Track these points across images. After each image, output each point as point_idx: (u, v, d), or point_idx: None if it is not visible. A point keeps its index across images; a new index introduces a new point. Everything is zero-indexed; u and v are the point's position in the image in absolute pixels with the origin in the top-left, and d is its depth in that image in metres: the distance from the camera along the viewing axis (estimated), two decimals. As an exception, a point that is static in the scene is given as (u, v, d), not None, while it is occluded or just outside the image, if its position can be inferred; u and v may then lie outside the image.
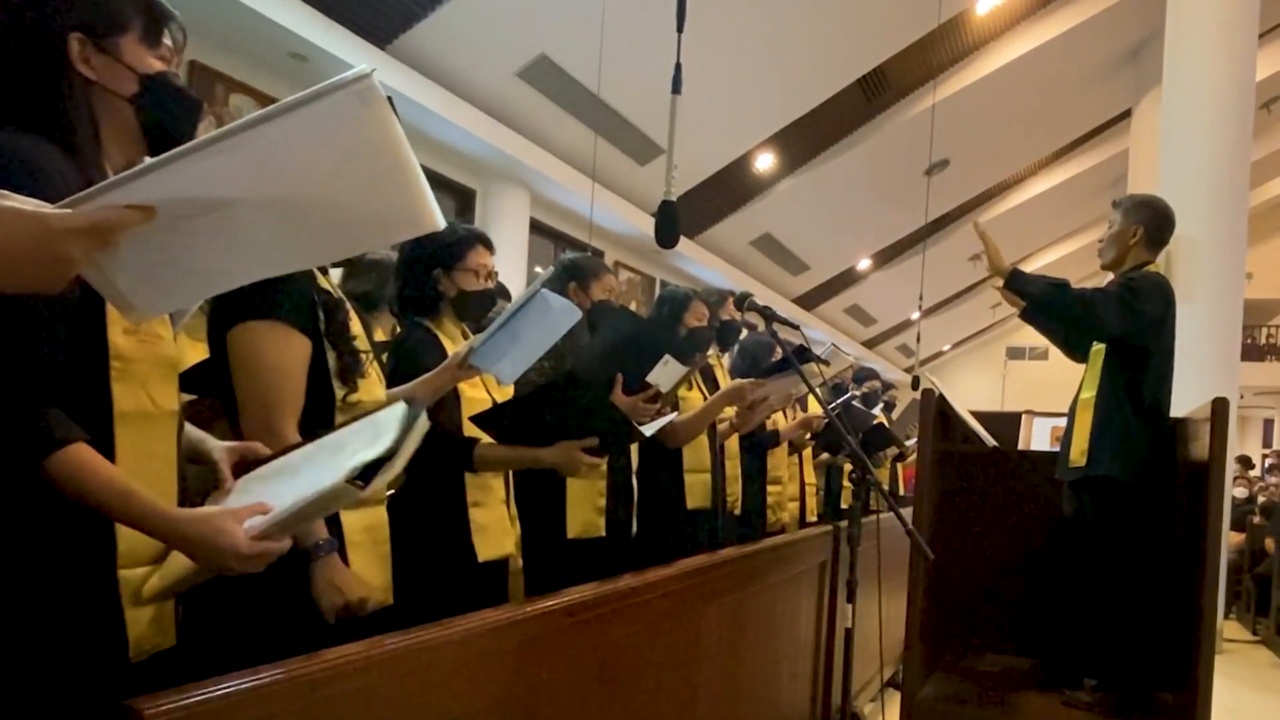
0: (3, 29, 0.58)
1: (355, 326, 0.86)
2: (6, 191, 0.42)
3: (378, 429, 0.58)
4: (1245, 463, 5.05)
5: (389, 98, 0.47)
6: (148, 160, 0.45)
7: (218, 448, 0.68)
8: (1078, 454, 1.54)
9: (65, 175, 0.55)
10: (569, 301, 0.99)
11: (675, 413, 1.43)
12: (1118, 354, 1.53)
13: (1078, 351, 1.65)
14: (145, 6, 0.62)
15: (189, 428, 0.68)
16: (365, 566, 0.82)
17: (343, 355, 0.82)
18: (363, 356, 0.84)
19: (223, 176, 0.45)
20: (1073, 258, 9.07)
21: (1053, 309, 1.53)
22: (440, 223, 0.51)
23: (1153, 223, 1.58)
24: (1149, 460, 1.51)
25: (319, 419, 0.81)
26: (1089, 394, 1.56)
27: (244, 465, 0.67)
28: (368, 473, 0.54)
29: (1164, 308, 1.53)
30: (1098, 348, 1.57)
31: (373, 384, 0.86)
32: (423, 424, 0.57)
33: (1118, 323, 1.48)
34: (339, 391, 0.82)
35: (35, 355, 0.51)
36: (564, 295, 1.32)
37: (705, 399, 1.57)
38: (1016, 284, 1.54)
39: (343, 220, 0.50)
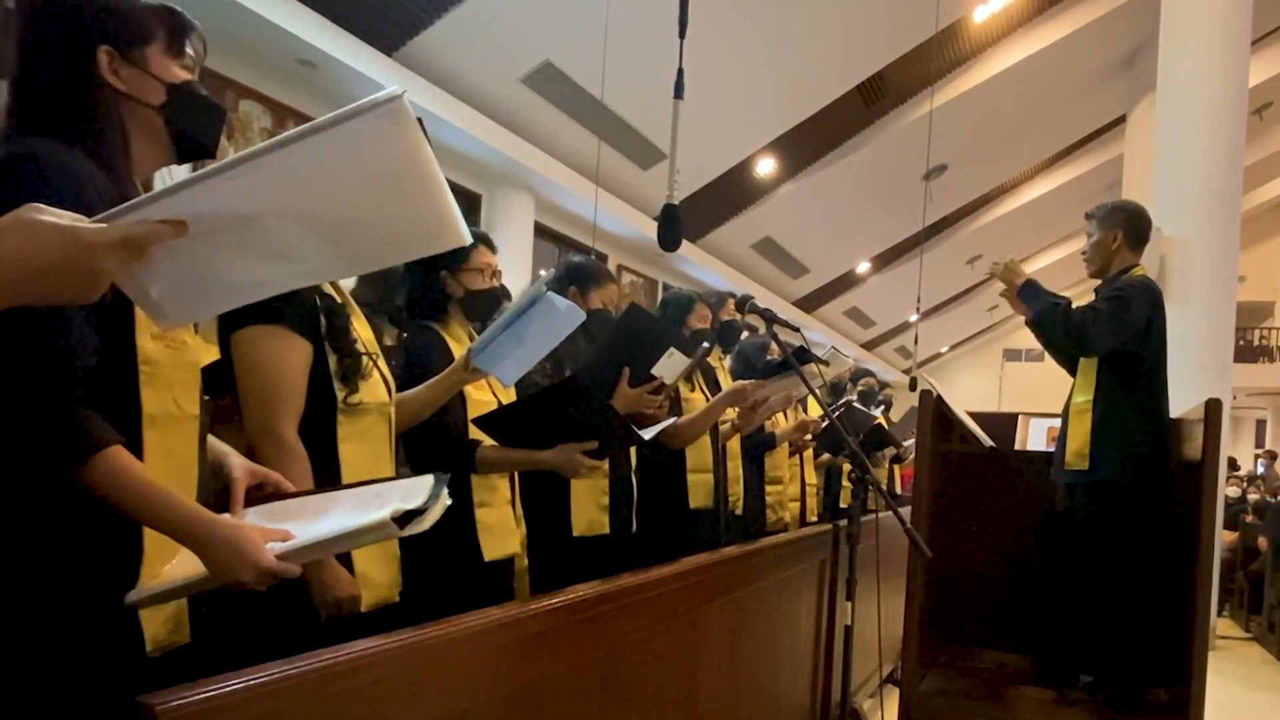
0: (35, 44, 0.60)
1: (360, 330, 0.87)
2: (42, 205, 0.43)
3: (409, 490, 0.60)
4: (1232, 464, 5.07)
5: (419, 118, 0.48)
6: (182, 177, 0.46)
7: (238, 465, 0.69)
8: (1074, 457, 1.56)
9: (99, 184, 0.57)
10: (573, 304, 1.00)
11: (674, 418, 1.45)
12: (1112, 360, 1.55)
13: (1070, 365, 1.68)
14: (169, 18, 0.64)
15: (212, 439, 0.70)
16: (371, 565, 0.83)
17: (344, 357, 0.83)
18: (364, 359, 0.85)
19: (255, 192, 0.46)
20: (1068, 261, 9.10)
21: (1047, 325, 1.55)
22: (466, 238, 0.52)
23: (1130, 225, 1.60)
24: (1150, 461, 1.53)
25: (320, 421, 0.82)
26: (1083, 398, 1.58)
27: (260, 489, 0.68)
28: (404, 519, 0.56)
29: (1153, 311, 1.55)
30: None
31: (375, 386, 0.87)
32: (445, 498, 0.59)
33: (1109, 340, 1.51)
34: (340, 393, 0.83)
35: (71, 360, 0.52)
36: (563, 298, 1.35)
37: (708, 400, 1.59)
38: (1025, 293, 1.55)
39: (372, 234, 0.51)
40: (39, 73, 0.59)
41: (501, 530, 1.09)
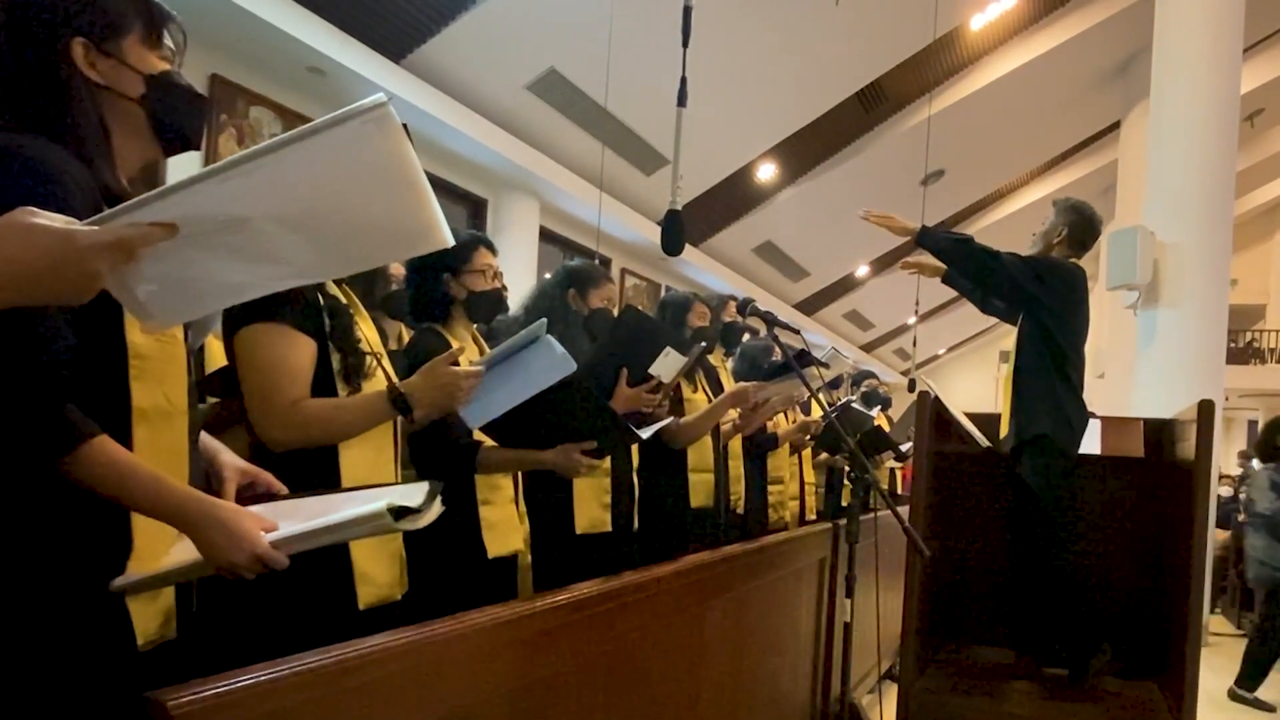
0: (8, 37, 0.58)
1: (364, 330, 0.87)
2: (35, 209, 0.43)
3: (406, 493, 0.60)
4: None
5: (404, 124, 0.49)
6: (174, 180, 0.46)
7: (229, 465, 0.68)
8: (1009, 425, 1.65)
9: (78, 178, 0.55)
10: (567, 353, 0.97)
11: (672, 417, 1.47)
12: (1031, 335, 1.63)
13: (990, 308, 1.76)
14: (144, 8, 0.62)
15: (206, 436, 0.69)
16: (372, 563, 0.82)
17: (347, 356, 0.83)
18: (368, 358, 0.85)
19: (245, 196, 0.47)
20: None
21: (960, 260, 1.63)
22: (449, 240, 0.53)
23: (1077, 226, 1.68)
24: (1072, 423, 1.60)
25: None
26: (1010, 371, 1.67)
27: (251, 488, 0.68)
28: (400, 513, 0.56)
29: (1072, 288, 1.61)
30: (1017, 337, 1.67)
31: (379, 386, 0.87)
32: (440, 504, 0.60)
33: (1026, 281, 1.58)
34: (343, 392, 0.83)
35: (47, 356, 0.51)
36: (564, 300, 1.35)
37: (710, 401, 1.62)
38: (926, 241, 1.62)
39: (358, 237, 0.51)
40: (13, 66, 0.58)
41: (505, 528, 1.09)
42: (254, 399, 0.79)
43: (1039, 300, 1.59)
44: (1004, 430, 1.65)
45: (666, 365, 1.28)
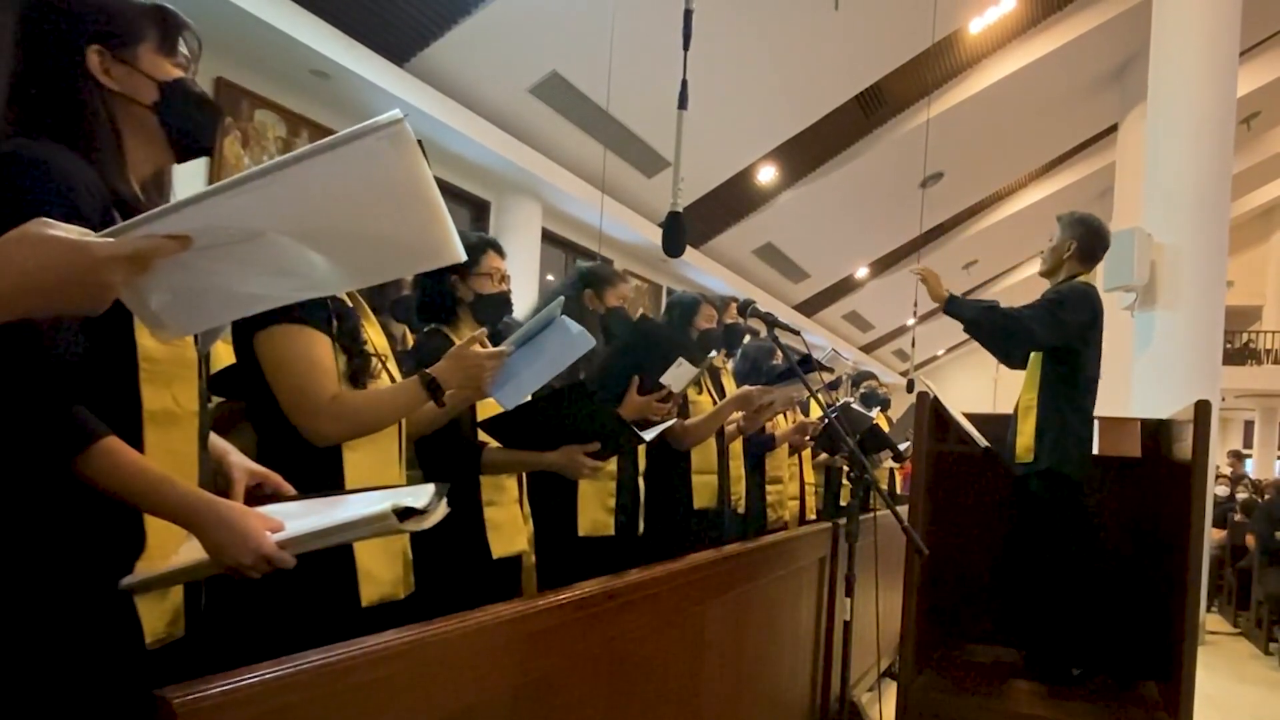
0: (24, 44, 0.59)
1: (371, 332, 0.89)
2: (50, 220, 0.44)
3: (412, 495, 0.60)
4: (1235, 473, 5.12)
5: (419, 140, 0.49)
6: (189, 193, 0.47)
7: (238, 465, 0.68)
8: (1023, 450, 1.67)
9: (89, 183, 0.56)
10: (584, 330, 0.98)
11: (675, 419, 1.47)
12: (1052, 360, 1.66)
13: (1014, 362, 1.79)
14: (160, 17, 0.63)
15: (214, 437, 0.69)
16: (375, 561, 0.83)
17: (353, 357, 0.84)
18: (373, 360, 0.86)
19: (259, 210, 0.47)
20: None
21: (985, 328, 1.66)
22: (461, 255, 0.53)
23: (1085, 239, 1.70)
24: (1084, 453, 1.64)
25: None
26: (1030, 395, 1.69)
27: (259, 489, 0.68)
28: (404, 514, 0.57)
29: (1090, 315, 1.64)
30: (1035, 355, 1.70)
31: (384, 385, 0.88)
32: (445, 506, 0.60)
33: (1045, 334, 1.61)
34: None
35: (58, 358, 0.52)
36: (580, 302, 1.36)
37: (715, 403, 1.63)
38: (952, 309, 1.68)
39: (370, 251, 0.52)
40: (29, 73, 0.59)
41: (510, 528, 1.11)
42: (292, 398, 0.80)
43: (1063, 340, 1.61)
44: (1020, 454, 1.66)
45: (678, 375, 1.29)
